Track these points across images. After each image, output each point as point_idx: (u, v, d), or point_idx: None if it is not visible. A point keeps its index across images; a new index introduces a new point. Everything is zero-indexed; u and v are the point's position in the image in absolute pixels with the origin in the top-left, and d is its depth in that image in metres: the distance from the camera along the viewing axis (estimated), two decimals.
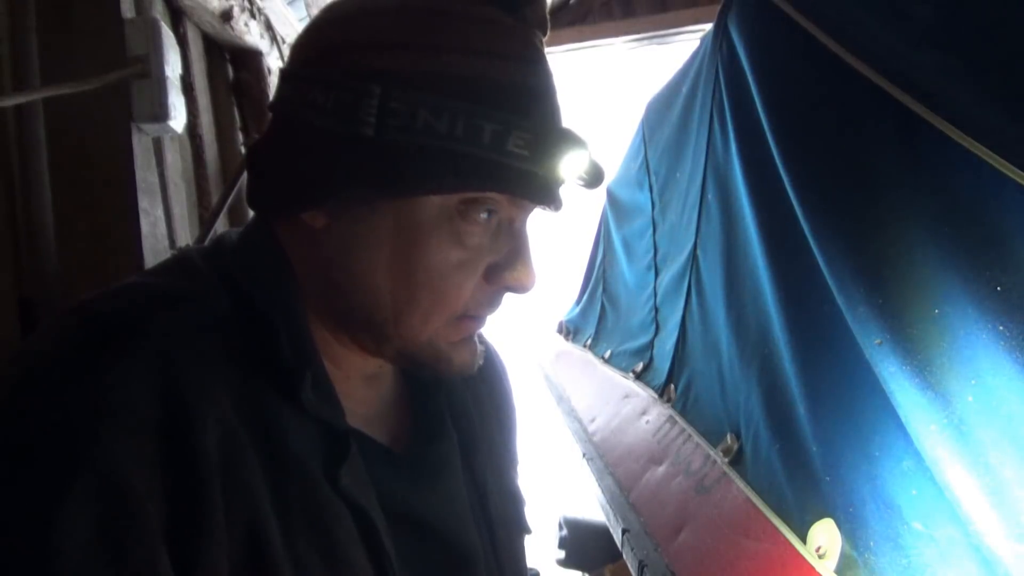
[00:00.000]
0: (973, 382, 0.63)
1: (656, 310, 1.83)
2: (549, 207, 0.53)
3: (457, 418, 0.64)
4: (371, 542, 0.50)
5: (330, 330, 0.55)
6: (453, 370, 0.56)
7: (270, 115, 0.57)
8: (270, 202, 0.55)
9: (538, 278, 0.55)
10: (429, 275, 0.51)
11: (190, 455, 0.42)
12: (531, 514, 0.73)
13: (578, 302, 3.16)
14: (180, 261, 0.55)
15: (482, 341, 0.75)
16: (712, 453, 1.16)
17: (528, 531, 0.71)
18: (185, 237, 1.22)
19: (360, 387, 0.58)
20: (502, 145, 0.48)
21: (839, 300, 0.78)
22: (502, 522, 0.65)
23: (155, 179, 1.12)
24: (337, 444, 0.51)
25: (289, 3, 1.77)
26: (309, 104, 0.50)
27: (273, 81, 1.66)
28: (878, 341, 0.72)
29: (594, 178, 0.54)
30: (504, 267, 0.53)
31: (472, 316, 0.54)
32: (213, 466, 0.43)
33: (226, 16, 1.41)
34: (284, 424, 0.48)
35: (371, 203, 0.50)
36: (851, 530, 0.74)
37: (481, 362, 0.58)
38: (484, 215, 0.51)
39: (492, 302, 0.55)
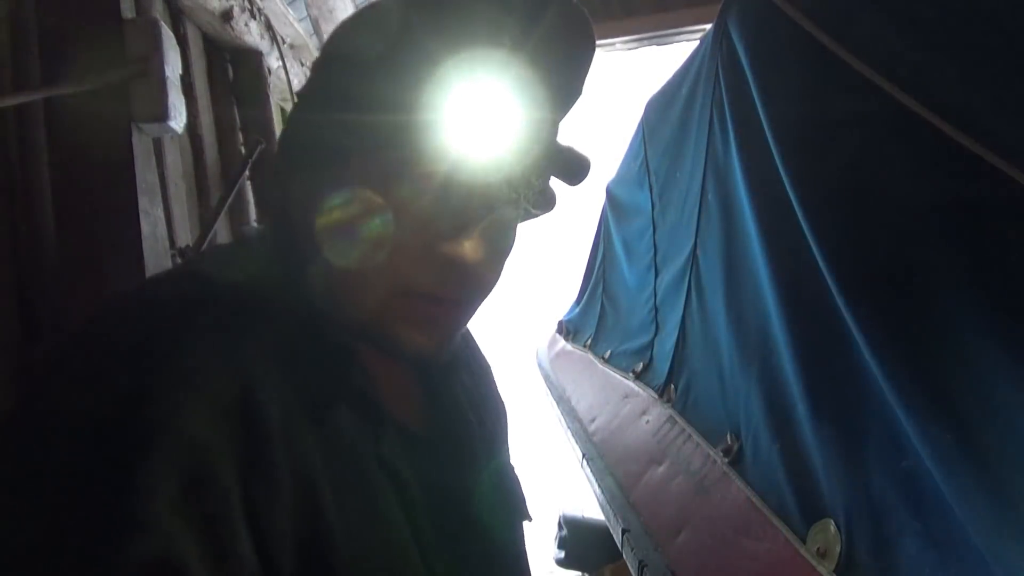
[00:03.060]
0: (973, 381, 0.63)
1: (656, 310, 1.83)
2: (483, 181, 0.51)
3: (472, 404, 0.67)
4: (409, 511, 0.53)
5: None
6: (405, 353, 0.55)
7: None
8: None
9: (487, 261, 0.53)
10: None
11: (260, 427, 0.44)
12: (531, 502, 0.75)
13: (578, 302, 3.16)
14: (220, 255, 0.58)
15: (469, 340, 0.77)
16: (712, 453, 1.16)
17: (529, 518, 0.73)
18: (185, 237, 1.22)
19: (384, 371, 0.60)
20: (406, 103, 0.48)
21: (839, 300, 0.78)
22: (514, 508, 0.68)
23: (155, 179, 1.12)
24: (378, 422, 0.54)
25: (289, 3, 1.77)
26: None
27: (273, 81, 1.66)
28: (879, 341, 0.72)
29: (567, 168, 0.54)
30: (445, 238, 0.52)
31: (416, 292, 0.53)
32: (279, 438, 0.45)
33: (226, 16, 1.41)
34: (333, 403, 0.51)
35: (321, 168, 0.54)
36: (851, 530, 0.74)
37: (444, 355, 0.57)
38: (425, 180, 0.51)
39: (436, 276, 0.52)
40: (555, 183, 0.57)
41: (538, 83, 0.51)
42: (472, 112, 0.48)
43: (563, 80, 0.54)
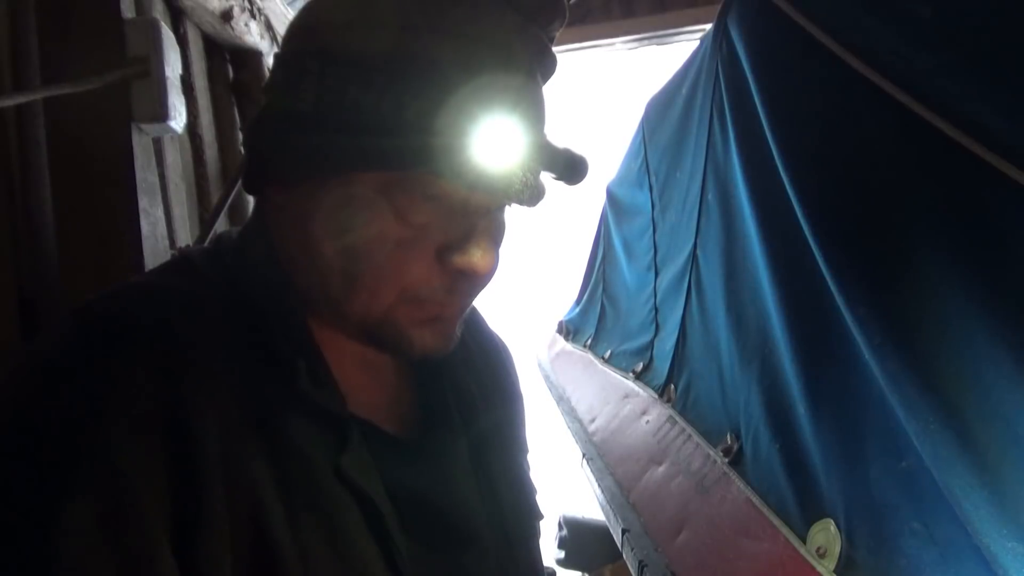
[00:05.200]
0: (973, 381, 0.63)
1: (656, 310, 1.83)
2: (492, 195, 0.50)
3: (461, 404, 0.64)
4: (376, 528, 0.51)
5: (319, 314, 0.55)
6: (415, 352, 0.54)
7: None
8: (245, 180, 0.57)
9: (495, 265, 0.54)
10: (369, 250, 0.50)
11: (190, 448, 0.43)
12: (543, 501, 0.73)
13: (578, 302, 3.16)
14: (179, 261, 0.56)
15: (480, 328, 0.75)
16: (712, 453, 1.16)
17: (540, 516, 0.71)
18: (185, 237, 1.22)
19: (361, 374, 0.58)
20: (427, 124, 0.46)
21: (839, 300, 0.78)
22: (512, 508, 0.65)
23: (155, 179, 1.12)
24: (338, 432, 0.51)
25: (289, 3, 1.76)
26: (269, 84, 0.54)
27: None
28: (879, 341, 0.72)
29: (568, 171, 0.52)
30: (454, 249, 0.51)
31: (428, 299, 0.53)
32: (213, 458, 0.43)
33: (226, 16, 1.41)
34: (285, 415, 0.49)
35: (318, 177, 0.51)
36: (851, 530, 0.74)
37: (451, 348, 0.57)
38: (431, 193, 0.50)
39: (448, 286, 0.53)
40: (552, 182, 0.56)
41: (542, 102, 0.52)
42: (491, 137, 0.47)
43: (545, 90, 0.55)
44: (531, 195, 0.52)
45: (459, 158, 0.47)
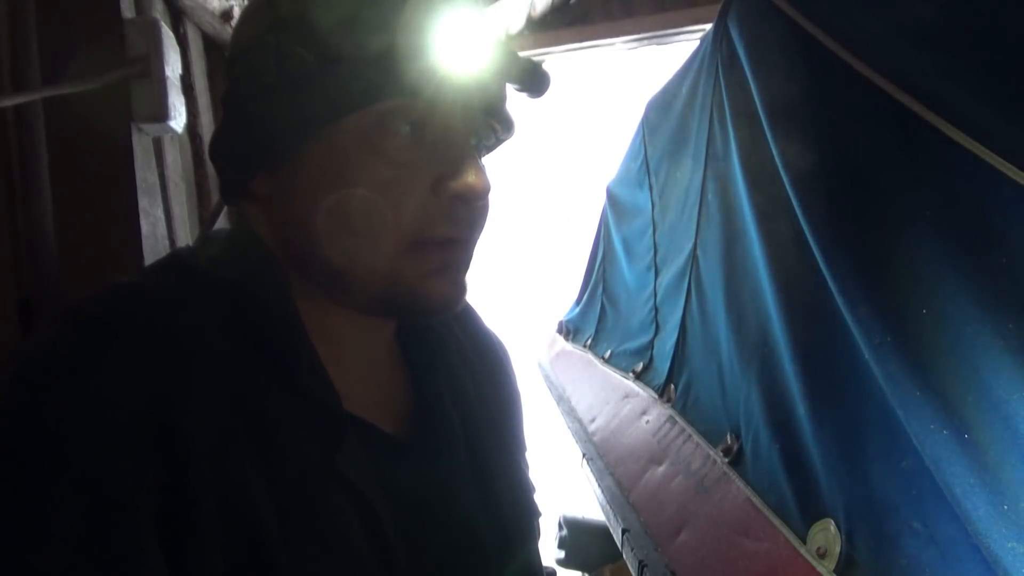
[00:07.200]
0: (973, 381, 0.63)
1: (656, 310, 1.83)
2: (461, 104, 0.51)
3: (457, 401, 0.64)
4: (372, 528, 0.50)
5: (316, 305, 0.55)
6: (433, 305, 0.54)
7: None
8: (223, 192, 0.58)
9: (489, 187, 0.54)
10: (362, 199, 0.50)
11: (178, 449, 0.42)
12: (540, 500, 0.72)
13: (578, 302, 3.16)
14: (168, 260, 0.56)
15: (476, 326, 0.74)
16: (712, 453, 1.16)
17: (538, 515, 0.71)
18: (185, 237, 1.22)
19: (356, 372, 0.57)
20: (387, 51, 0.48)
21: (839, 300, 0.78)
22: (510, 506, 0.64)
23: (155, 179, 1.12)
24: (333, 430, 0.50)
25: None
26: (228, 92, 0.54)
27: None
28: (879, 341, 0.72)
29: (528, 79, 0.52)
30: (448, 176, 0.52)
31: (430, 239, 0.53)
32: (203, 458, 0.43)
33: (226, 16, 1.41)
34: (279, 413, 0.48)
35: (296, 152, 0.51)
36: (851, 530, 0.74)
37: (464, 299, 0.57)
38: (406, 128, 0.51)
39: (447, 218, 0.53)
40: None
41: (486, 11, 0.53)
42: (444, 41, 0.48)
43: None
44: (500, 107, 0.53)
45: (419, 69, 0.48)
